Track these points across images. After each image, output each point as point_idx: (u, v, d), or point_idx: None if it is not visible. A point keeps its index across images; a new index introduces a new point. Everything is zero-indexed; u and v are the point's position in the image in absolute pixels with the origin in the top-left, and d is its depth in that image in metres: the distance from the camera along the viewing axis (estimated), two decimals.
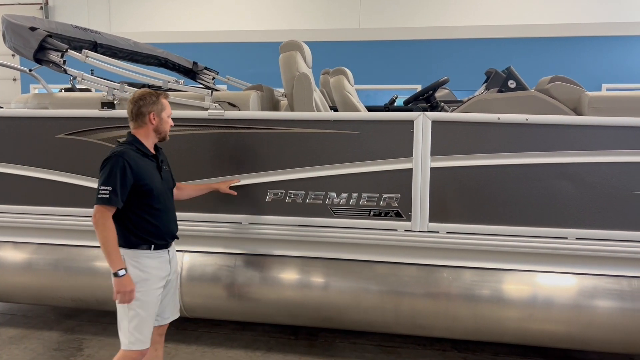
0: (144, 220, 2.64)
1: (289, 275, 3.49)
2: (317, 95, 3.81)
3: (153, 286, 2.68)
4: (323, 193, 3.37)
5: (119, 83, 3.61)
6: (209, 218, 3.53)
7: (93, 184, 3.63)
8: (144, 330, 2.65)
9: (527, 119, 3.11)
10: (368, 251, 3.38)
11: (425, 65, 10.96)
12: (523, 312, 3.23)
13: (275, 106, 4.20)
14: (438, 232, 3.25)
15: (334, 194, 3.35)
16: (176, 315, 3.01)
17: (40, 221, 3.75)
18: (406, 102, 4.49)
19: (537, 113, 3.19)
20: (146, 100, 2.67)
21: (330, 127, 3.31)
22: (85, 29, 4.64)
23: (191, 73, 5.79)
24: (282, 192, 3.42)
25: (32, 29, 3.60)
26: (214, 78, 5.88)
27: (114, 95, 3.58)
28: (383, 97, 12.20)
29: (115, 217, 2.58)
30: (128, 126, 3.52)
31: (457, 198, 3.23)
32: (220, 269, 3.57)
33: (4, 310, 4.59)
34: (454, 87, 6.35)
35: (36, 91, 12.43)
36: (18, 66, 5.21)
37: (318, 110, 3.69)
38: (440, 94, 5.71)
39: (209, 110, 3.43)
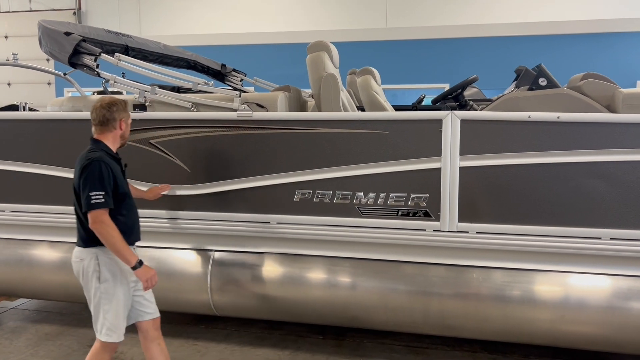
0: (116, 219, 2.71)
1: (317, 274, 3.50)
2: (344, 95, 3.82)
3: (124, 281, 2.79)
4: (350, 193, 3.37)
5: (149, 85, 3.68)
6: (238, 218, 3.57)
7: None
8: (118, 322, 2.78)
9: (558, 117, 3.05)
10: (396, 251, 3.37)
11: (452, 63, 10.85)
12: (555, 314, 3.17)
13: (302, 107, 4.23)
14: (467, 232, 3.22)
15: (362, 194, 3.35)
16: (158, 312, 3.08)
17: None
18: (434, 101, 4.46)
19: (569, 111, 3.13)
20: (118, 106, 2.78)
21: (358, 127, 3.31)
22: (117, 33, 4.75)
23: (219, 75, 5.86)
24: (309, 192, 3.44)
25: (67, 33, 3.71)
26: (241, 80, 5.94)
27: (145, 97, 3.66)
28: (410, 96, 12.13)
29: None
30: (159, 127, 3.63)
31: (487, 198, 3.19)
32: (249, 268, 3.61)
33: (40, 307, 4.73)
34: (482, 86, 6.28)
35: (70, 94, 12.76)
36: (53, 70, 5.37)
37: (345, 110, 3.70)
38: (468, 92, 5.65)
39: (237, 112, 3.47)
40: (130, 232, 2.83)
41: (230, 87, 5.60)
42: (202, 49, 6.71)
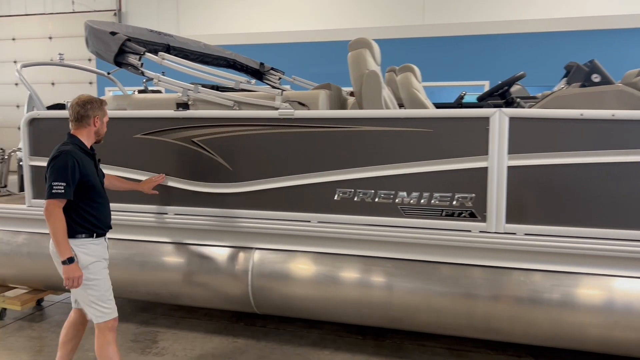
0: (87, 213, 2.91)
1: (358, 274, 3.46)
2: (385, 92, 3.76)
3: (101, 266, 2.99)
4: (393, 192, 3.32)
5: (192, 84, 3.71)
6: (279, 216, 3.56)
7: (170, 182, 3.75)
8: (107, 302, 2.99)
9: (613, 115, 2.92)
10: (439, 252, 3.29)
11: (491, 60, 10.61)
12: (607, 319, 3.04)
13: (343, 105, 4.19)
14: (515, 233, 3.12)
15: (404, 193, 3.29)
16: None
17: (117, 217, 3.91)
18: (480, 99, 4.35)
19: (625, 108, 2.99)
20: (93, 104, 2.96)
21: (401, 125, 3.25)
22: (159, 33, 4.81)
23: (258, 74, 5.88)
24: (350, 191, 3.40)
25: (113, 33, 3.77)
26: (280, 78, 5.95)
27: (188, 96, 3.69)
28: (448, 94, 11.93)
29: (64, 211, 2.83)
30: (202, 126, 3.65)
31: (536, 198, 3.08)
32: (289, 267, 3.59)
33: None
34: (524, 83, 6.11)
35: (111, 94, 13.08)
36: (97, 70, 5.48)
37: (387, 108, 3.64)
38: (512, 89, 5.50)
39: (279, 110, 3.46)
40: (99, 223, 2.98)
41: (269, 86, 5.61)
42: (239, 48, 6.76)
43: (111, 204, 3.90)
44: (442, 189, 3.22)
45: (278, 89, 4.17)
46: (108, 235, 3.12)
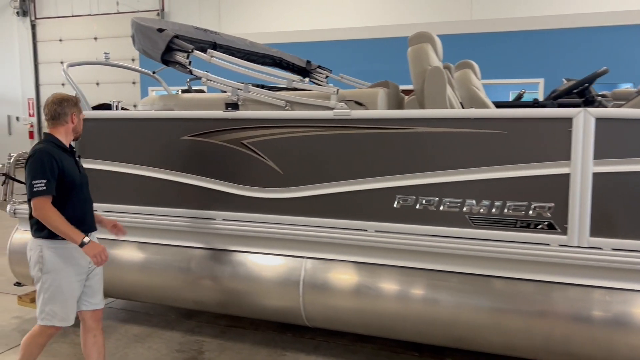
0: (65, 211, 2.80)
1: (418, 288, 3.19)
2: (449, 91, 3.47)
3: (71, 271, 2.89)
4: (460, 200, 3.03)
5: (243, 83, 3.51)
6: (333, 224, 3.32)
7: (218, 186, 3.57)
8: (59, 308, 2.88)
9: None
10: (512, 267, 2.98)
11: (546, 57, 10.07)
12: None
13: (400, 104, 3.91)
14: (601, 248, 2.78)
15: (473, 202, 3.00)
16: (103, 304, 3.19)
17: (164, 222, 3.76)
18: (555, 97, 3.99)
19: None
20: (69, 102, 2.93)
21: (471, 126, 2.96)
22: (205, 30, 4.65)
23: (304, 72, 5.66)
24: (412, 198, 3.13)
25: (160, 30, 3.61)
26: (327, 77, 5.71)
27: (237, 95, 3.49)
28: (498, 92, 11.45)
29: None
30: (252, 127, 3.45)
31: (626, 209, 2.74)
32: (342, 278, 3.35)
33: (128, 307, 4.73)
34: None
35: (154, 93, 13.14)
36: (142, 69, 5.38)
37: (452, 107, 3.35)
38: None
39: (334, 110, 3.22)
40: (80, 223, 2.89)
41: (318, 84, 5.38)
42: (280, 47, 6.55)
43: (157, 208, 3.79)
44: (517, 197, 2.91)
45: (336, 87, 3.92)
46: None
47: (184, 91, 6.34)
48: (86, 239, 2.75)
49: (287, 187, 3.41)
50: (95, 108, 4.29)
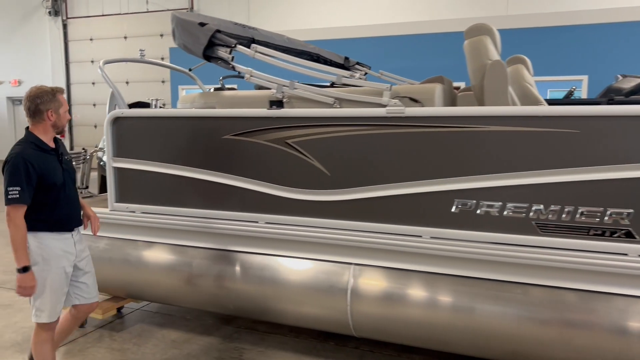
0: (48, 210, 2.83)
1: (477, 300, 2.96)
2: (510, 87, 3.23)
3: (56, 264, 2.88)
4: (526, 205, 2.79)
5: (288, 80, 3.34)
6: (384, 229, 3.12)
7: (260, 187, 3.41)
8: (46, 304, 2.88)
9: None
10: (584, 278, 2.74)
11: (589, 53, 9.65)
12: None
13: (453, 101, 3.68)
14: None
15: (541, 207, 2.76)
16: (98, 298, 3.22)
17: (203, 224, 3.61)
18: (629, 93, 3.71)
19: None
20: (43, 98, 2.80)
21: (539, 125, 2.72)
22: (244, 26, 4.49)
23: (343, 69, 5.46)
24: (472, 203, 2.90)
25: (202, 24, 3.46)
26: (365, 73, 5.50)
27: (283, 92, 3.31)
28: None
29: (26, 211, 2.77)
30: (297, 126, 3.27)
31: None
32: (393, 287, 3.14)
33: (163, 310, 4.60)
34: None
35: (184, 92, 13.11)
36: (178, 67, 5.25)
37: (514, 104, 3.11)
38: (632, 83, 4.77)
39: (387, 107, 3.01)
40: (64, 222, 2.92)
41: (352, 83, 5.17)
42: (314, 44, 6.36)
43: (195, 210, 3.63)
44: (590, 202, 2.66)
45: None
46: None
47: (216, 89, 6.21)
48: (26, 269, 2.74)
49: (334, 189, 3.22)
50: (131, 106, 4.17)
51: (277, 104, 3.32)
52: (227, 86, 5.56)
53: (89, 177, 4.75)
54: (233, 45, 3.38)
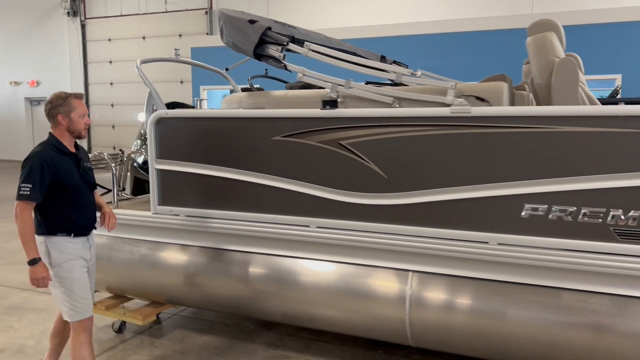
0: (64, 213, 2.90)
1: (550, 310, 2.80)
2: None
3: (76, 264, 2.95)
4: (603, 210, 2.64)
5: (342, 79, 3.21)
6: (445, 234, 2.98)
7: (312, 190, 3.28)
8: (79, 301, 2.94)
9: None
10: None
11: (622, 51, 9.40)
12: None
13: (513, 99, 3.53)
14: None
15: (620, 212, 2.60)
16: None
17: (254, 229, 3.49)
18: None
19: None
20: (54, 102, 2.89)
21: (618, 125, 2.56)
22: (284, 24, 4.37)
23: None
24: (543, 207, 2.75)
25: (252, 21, 3.34)
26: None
27: (337, 92, 3.18)
28: None
29: (39, 209, 2.87)
30: (352, 127, 3.14)
31: None
32: (456, 295, 3.00)
33: (200, 316, 4.49)
34: None
35: (205, 93, 13.03)
36: (213, 67, 5.15)
37: (584, 103, 2.96)
38: None
39: (451, 107, 2.87)
40: (81, 227, 2.97)
41: (390, 81, 5.04)
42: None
43: (242, 213, 3.51)
44: None
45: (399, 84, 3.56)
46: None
47: (244, 90, 6.12)
48: (35, 261, 2.79)
49: (391, 193, 3.09)
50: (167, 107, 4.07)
51: (331, 103, 3.20)
52: (255, 86, 5.47)
53: (126, 178, 4.64)
54: (285, 43, 3.25)
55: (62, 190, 2.87)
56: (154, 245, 3.85)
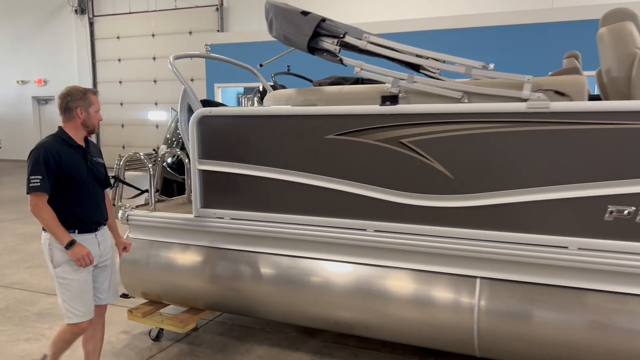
0: (69, 207, 2.85)
1: (635, 320, 2.62)
2: None
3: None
4: None
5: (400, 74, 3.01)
6: (517, 239, 2.79)
7: (369, 192, 3.09)
8: (78, 305, 2.90)
9: None
10: None
11: None
12: None
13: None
14: None
15: None
16: (114, 299, 3.20)
17: (305, 232, 3.31)
18: None
19: None
20: (74, 96, 2.87)
21: None
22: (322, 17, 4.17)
23: (414, 64, 5.12)
24: (631, 210, 2.56)
25: (304, 13, 3.14)
26: (439, 69, 5.15)
27: (399, 87, 2.99)
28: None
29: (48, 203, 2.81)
30: (414, 124, 2.95)
31: None
32: (530, 303, 2.81)
33: (240, 322, 4.30)
34: None
35: (220, 91, 12.83)
36: (242, 63, 4.96)
37: None
38: None
39: (528, 102, 2.68)
40: (87, 222, 2.92)
41: (431, 77, 4.84)
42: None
43: (292, 216, 3.32)
44: None
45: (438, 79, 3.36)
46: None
47: (261, 93, 5.94)
48: (72, 243, 2.79)
49: (458, 194, 2.90)
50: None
51: (391, 99, 3.00)
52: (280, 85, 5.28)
53: (160, 179, 4.46)
54: (342, 35, 3.06)
55: (67, 183, 2.84)
56: (195, 250, 3.67)
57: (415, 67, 5.18)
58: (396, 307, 3.11)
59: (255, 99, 6.00)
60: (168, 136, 5.35)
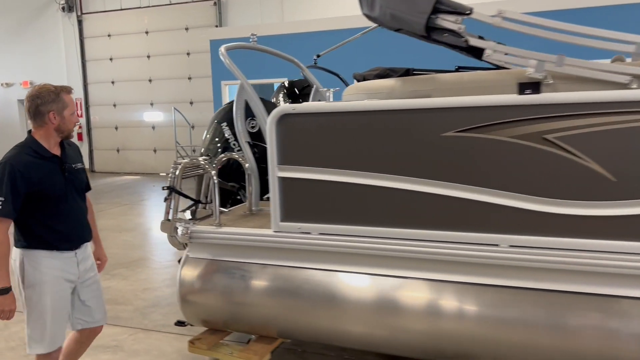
0: (44, 224, 2.56)
1: None
2: None
3: (55, 287, 2.60)
4: None
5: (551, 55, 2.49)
6: (572, 244, 2.30)
7: (503, 199, 2.57)
8: (44, 333, 2.59)
9: None
10: None
11: None
12: None
13: None
14: None
15: None
16: (104, 321, 2.93)
17: (413, 248, 2.77)
18: None
19: None
20: (44, 98, 2.50)
21: None
22: None
23: (475, 50, 4.62)
24: None
25: None
26: (506, 53, 4.66)
27: (545, 71, 2.47)
28: None
29: (16, 221, 2.52)
30: (563, 116, 2.43)
31: None
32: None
33: (312, 349, 3.76)
34: None
35: (227, 88, 12.17)
36: (290, 57, 4.43)
37: None
38: None
39: None
40: (64, 240, 2.63)
41: (494, 67, 4.35)
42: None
43: (398, 229, 2.79)
44: None
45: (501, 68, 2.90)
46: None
47: (286, 89, 5.44)
48: (5, 291, 2.47)
49: (624, 200, 2.39)
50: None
51: (532, 86, 2.49)
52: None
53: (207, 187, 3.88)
54: (468, 12, 2.52)
55: (41, 201, 2.53)
56: (277, 270, 3.11)
57: (478, 54, 4.68)
58: (542, 336, 2.59)
59: (281, 95, 5.47)
60: (202, 150, 4.74)
